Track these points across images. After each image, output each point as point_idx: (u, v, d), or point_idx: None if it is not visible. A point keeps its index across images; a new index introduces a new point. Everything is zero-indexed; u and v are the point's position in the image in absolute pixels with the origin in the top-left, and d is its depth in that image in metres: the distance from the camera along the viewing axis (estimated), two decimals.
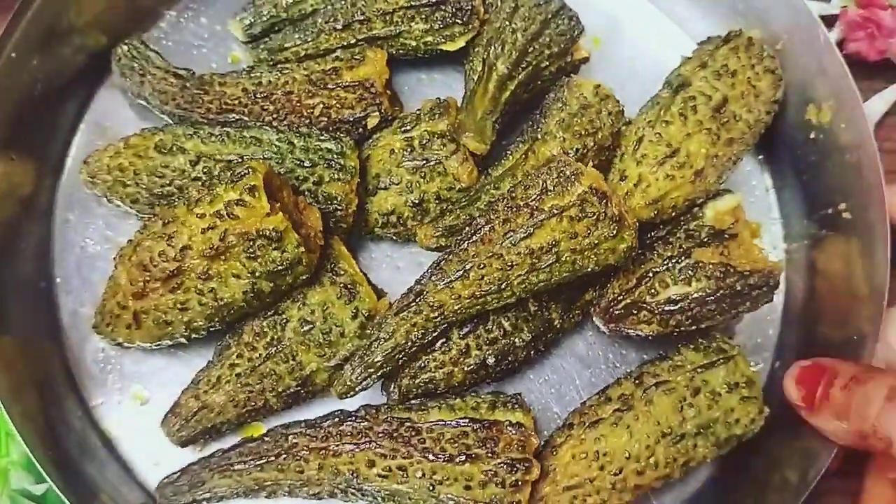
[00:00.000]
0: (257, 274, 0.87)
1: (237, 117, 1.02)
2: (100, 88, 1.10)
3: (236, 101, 1.02)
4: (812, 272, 1.06)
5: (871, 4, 1.18)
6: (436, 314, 0.89)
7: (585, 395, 1.02)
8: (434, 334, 0.91)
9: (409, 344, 0.90)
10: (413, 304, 0.90)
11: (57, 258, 1.04)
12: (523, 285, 0.89)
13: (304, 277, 0.91)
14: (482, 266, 0.87)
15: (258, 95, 1.02)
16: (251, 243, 0.85)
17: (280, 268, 0.87)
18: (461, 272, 0.88)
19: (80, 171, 1.01)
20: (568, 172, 0.88)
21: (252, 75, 1.04)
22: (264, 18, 1.10)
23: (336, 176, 0.95)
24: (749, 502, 0.95)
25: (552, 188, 0.87)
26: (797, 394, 0.89)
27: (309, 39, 1.07)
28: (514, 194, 0.90)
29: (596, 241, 0.87)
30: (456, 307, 0.89)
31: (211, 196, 0.87)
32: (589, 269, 0.89)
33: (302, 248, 0.87)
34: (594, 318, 0.98)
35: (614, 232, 0.87)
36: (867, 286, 0.97)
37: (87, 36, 1.07)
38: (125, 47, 1.06)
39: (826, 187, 1.04)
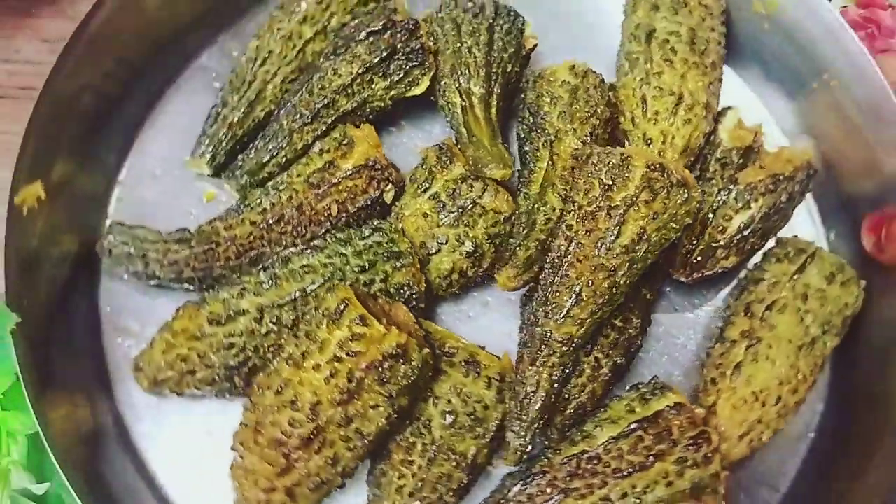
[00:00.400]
0: (393, 394, 0.84)
1: (257, 252, 0.97)
2: (98, 292, 1.02)
3: (251, 237, 0.97)
4: (816, 141, 1.11)
5: (871, 4, 1.19)
6: (566, 348, 0.89)
7: (694, 345, 1.04)
8: (571, 366, 0.91)
9: (556, 386, 0.90)
10: (544, 347, 0.89)
11: (159, 474, 0.97)
12: (628, 282, 0.90)
13: (430, 375, 0.89)
14: (590, 283, 0.88)
15: (270, 222, 0.97)
16: (380, 370, 0.82)
17: (413, 378, 0.84)
18: (574, 297, 0.88)
19: (135, 380, 0.94)
20: (616, 161, 0.89)
21: (252, 206, 0.98)
22: (224, 143, 1.04)
23: (398, 265, 0.93)
24: (877, 367, 1.00)
25: (612, 182, 0.88)
26: (871, 243, 0.94)
27: (284, 145, 1.02)
28: (577, 203, 0.90)
29: (674, 211, 0.88)
30: (581, 332, 0.89)
31: (317, 344, 0.83)
32: (673, 238, 0.91)
33: (425, 350, 0.85)
34: (675, 276, 1.00)
35: (685, 195, 0.88)
36: (872, 125, 1.03)
37: (61, 245, 0.99)
38: (110, 237, 0.99)
39: (800, 67, 1.09)
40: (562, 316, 0.88)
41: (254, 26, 1.15)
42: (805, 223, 1.10)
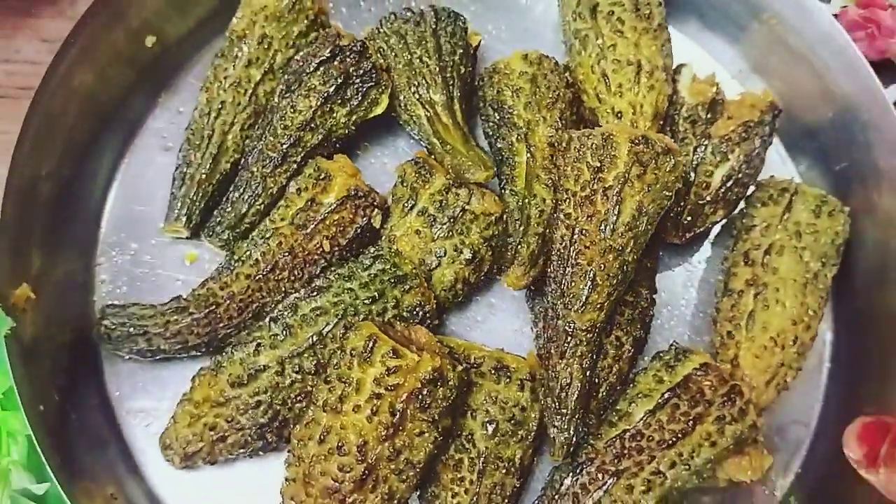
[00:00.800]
0: (436, 418, 0.83)
1: (258, 305, 0.95)
2: (104, 378, 0.99)
3: (249, 291, 0.95)
4: (768, 80, 1.15)
5: (871, 4, 1.20)
6: (591, 335, 0.90)
7: (695, 300, 1.06)
8: (597, 350, 0.92)
9: (588, 374, 0.90)
10: (570, 339, 0.89)
11: None
12: (634, 257, 0.91)
13: (465, 390, 0.89)
14: (602, 266, 0.88)
15: (265, 272, 0.95)
16: (420, 397, 0.81)
17: (452, 398, 0.84)
18: (590, 284, 0.88)
19: (165, 458, 0.92)
20: (598, 142, 0.90)
21: (242, 259, 0.96)
22: (197, 202, 1.02)
23: (406, 287, 0.92)
24: (873, 288, 1.03)
25: (600, 164, 0.89)
26: (859, 451, 0.89)
27: (259, 192, 1.00)
28: (570, 191, 0.90)
29: (665, 179, 0.89)
30: (602, 316, 0.90)
31: (353, 386, 0.81)
32: (667, 205, 0.92)
33: (459, 367, 0.85)
34: (669, 240, 1.02)
35: (672, 161, 0.89)
36: (819, 53, 1.06)
37: (55, 339, 0.95)
38: (105, 322, 0.95)
39: (737, 10, 1.12)
40: (581, 304, 0.88)
41: (193, 78, 1.13)
42: (775, 162, 1.13)
